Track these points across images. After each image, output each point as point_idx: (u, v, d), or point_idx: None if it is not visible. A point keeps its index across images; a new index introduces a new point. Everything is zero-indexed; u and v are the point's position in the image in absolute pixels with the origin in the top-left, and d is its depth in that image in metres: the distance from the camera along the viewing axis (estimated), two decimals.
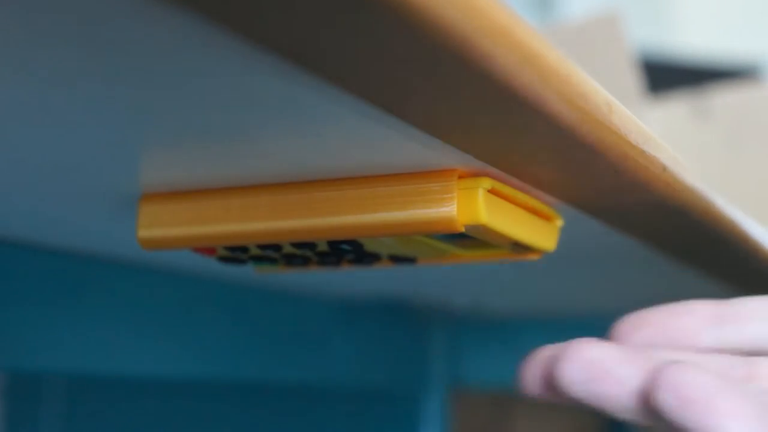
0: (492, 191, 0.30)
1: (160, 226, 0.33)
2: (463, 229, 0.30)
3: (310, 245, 0.33)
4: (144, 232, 0.34)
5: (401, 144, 0.26)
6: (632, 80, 0.79)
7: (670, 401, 0.28)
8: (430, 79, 0.21)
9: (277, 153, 0.28)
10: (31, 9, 0.18)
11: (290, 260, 0.36)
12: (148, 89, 0.23)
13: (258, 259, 0.36)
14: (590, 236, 0.40)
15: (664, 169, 0.30)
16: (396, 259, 0.36)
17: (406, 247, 0.34)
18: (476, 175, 0.30)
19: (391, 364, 0.76)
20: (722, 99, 0.87)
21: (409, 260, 0.36)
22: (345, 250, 0.34)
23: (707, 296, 0.58)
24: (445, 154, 0.28)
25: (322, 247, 0.34)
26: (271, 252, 0.35)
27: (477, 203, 0.29)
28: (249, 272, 0.40)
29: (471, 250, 0.35)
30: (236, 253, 0.35)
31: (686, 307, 0.33)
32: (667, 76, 1.12)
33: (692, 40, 1.86)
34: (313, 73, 0.20)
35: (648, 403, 0.29)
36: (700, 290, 0.56)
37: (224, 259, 0.36)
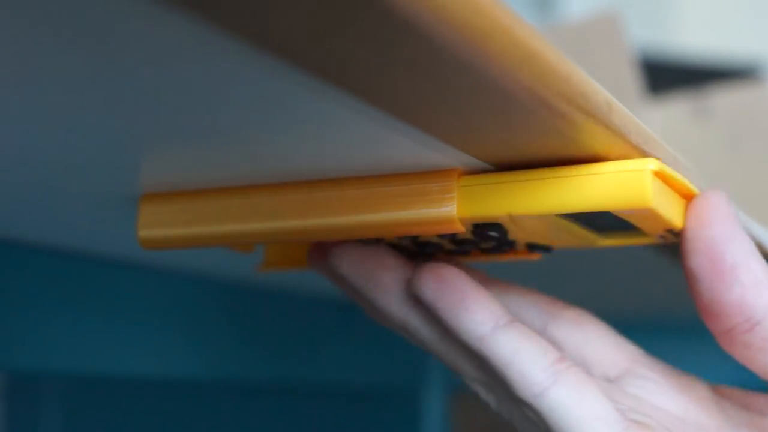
0: (657, 174, 0.28)
1: (160, 226, 0.33)
2: (462, 229, 0.30)
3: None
4: (144, 232, 0.34)
5: (401, 144, 0.26)
6: (632, 80, 0.79)
7: (429, 284, 0.32)
8: (429, 78, 0.21)
9: (277, 153, 0.28)
10: (31, 10, 0.18)
11: (422, 248, 0.35)
12: (149, 90, 0.23)
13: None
14: None
15: None
16: (533, 247, 0.35)
17: (548, 233, 0.33)
18: (641, 155, 0.28)
19: (391, 364, 0.76)
20: (722, 99, 0.87)
21: (545, 249, 0.35)
22: (490, 237, 0.32)
23: None
24: (445, 154, 0.28)
25: (464, 233, 0.32)
26: (406, 241, 0.34)
27: (645, 185, 0.28)
28: (249, 272, 0.40)
29: (615, 238, 0.34)
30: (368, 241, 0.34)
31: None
32: (667, 76, 1.12)
33: (692, 40, 1.86)
34: (313, 74, 0.20)
35: (410, 289, 0.33)
36: None
37: None
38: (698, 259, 0.30)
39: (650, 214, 0.29)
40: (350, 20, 0.18)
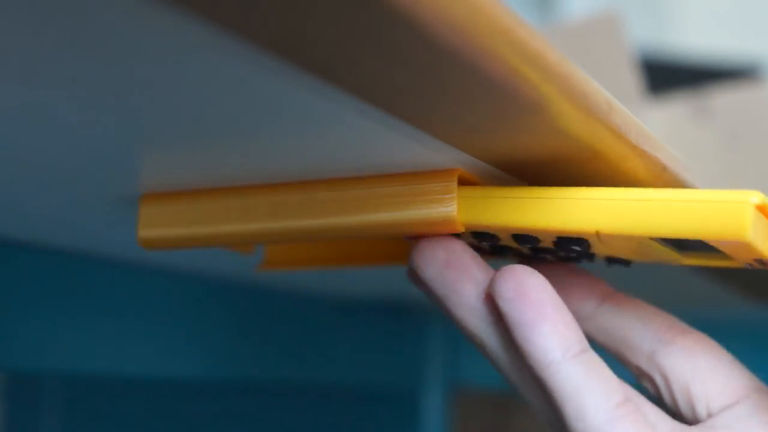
0: (759, 207, 0.28)
1: (160, 226, 0.33)
2: (463, 229, 0.30)
3: (532, 240, 0.32)
4: (144, 232, 0.34)
5: (401, 144, 0.26)
6: (632, 80, 0.79)
7: (507, 291, 0.30)
8: (429, 78, 0.21)
9: (277, 153, 0.28)
10: (30, 10, 0.18)
11: (498, 250, 0.34)
12: (149, 90, 0.23)
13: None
14: None
15: (664, 169, 0.30)
16: (612, 260, 0.34)
17: (630, 250, 0.32)
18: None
19: (390, 364, 0.76)
20: (722, 99, 0.87)
21: (624, 263, 0.34)
22: (572, 250, 0.32)
23: (706, 296, 0.58)
24: (445, 154, 0.28)
25: (545, 243, 0.32)
26: (484, 243, 0.33)
27: (746, 219, 0.27)
28: (248, 272, 0.40)
29: (699, 259, 0.33)
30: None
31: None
32: (667, 76, 1.12)
33: (692, 40, 1.86)
34: (313, 73, 0.20)
35: (488, 294, 0.31)
36: (700, 290, 0.56)
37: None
38: None
39: (745, 246, 0.28)
40: (350, 20, 0.18)
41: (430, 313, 0.79)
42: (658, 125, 0.85)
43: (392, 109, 0.23)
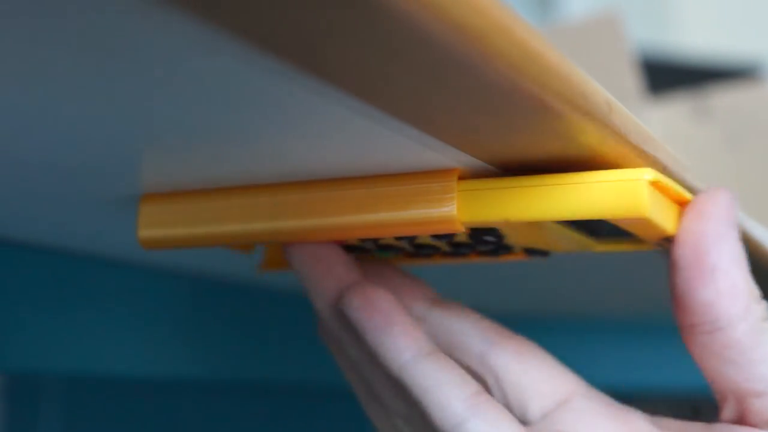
0: (653, 183, 0.28)
1: (160, 226, 0.33)
2: (462, 229, 0.30)
3: (448, 235, 0.32)
4: (144, 232, 0.34)
5: (401, 144, 0.26)
6: (632, 80, 0.79)
7: (356, 304, 0.32)
8: (429, 78, 0.21)
9: (277, 153, 0.28)
10: (29, 9, 0.18)
11: (419, 250, 0.35)
12: (149, 90, 0.23)
13: (383, 249, 0.35)
14: None
15: (664, 169, 0.30)
16: (530, 252, 0.35)
17: (545, 239, 0.33)
18: (635, 165, 0.28)
19: None
20: (722, 99, 0.87)
21: (542, 253, 0.35)
22: (486, 241, 0.33)
23: None
24: (445, 154, 0.28)
25: (461, 237, 0.33)
26: (404, 242, 0.34)
27: (642, 196, 0.28)
28: (249, 272, 0.40)
29: (612, 244, 0.34)
30: (366, 242, 0.34)
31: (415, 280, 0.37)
32: (667, 76, 1.12)
33: (692, 40, 1.86)
34: (313, 73, 0.20)
35: (339, 305, 0.33)
36: None
37: (351, 248, 0.35)
38: (683, 250, 0.30)
39: (646, 224, 0.29)
40: (349, 20, 0.18)
41: None
42: (658, 125, 0.85)
43: (392, 109, 0.23)
